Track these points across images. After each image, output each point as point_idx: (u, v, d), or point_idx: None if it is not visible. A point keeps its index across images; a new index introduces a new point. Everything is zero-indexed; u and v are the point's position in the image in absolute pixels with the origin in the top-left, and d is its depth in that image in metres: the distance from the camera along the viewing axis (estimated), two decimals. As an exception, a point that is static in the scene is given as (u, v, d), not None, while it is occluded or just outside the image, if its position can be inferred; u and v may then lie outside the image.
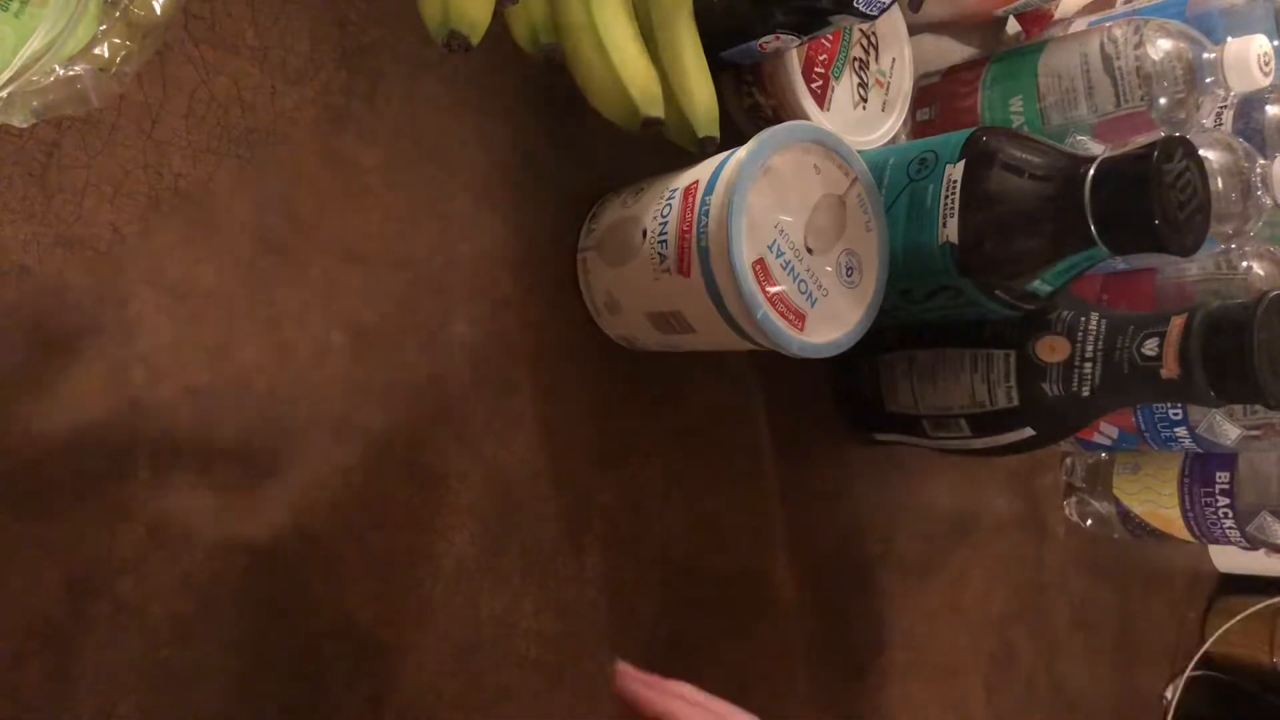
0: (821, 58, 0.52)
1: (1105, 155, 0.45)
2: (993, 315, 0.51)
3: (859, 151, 0.46)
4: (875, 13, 0.44)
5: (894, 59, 0.57)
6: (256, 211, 0.39)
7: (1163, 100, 0.56)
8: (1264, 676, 0.89)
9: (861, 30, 0.55)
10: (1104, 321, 0.50)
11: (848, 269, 0.45)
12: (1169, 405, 0.67)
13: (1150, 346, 0.48)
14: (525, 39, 0.43)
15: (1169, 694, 0.87)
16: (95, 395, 0.35)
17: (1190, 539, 0.74)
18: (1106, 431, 0.71)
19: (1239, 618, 0.89)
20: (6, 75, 0.28)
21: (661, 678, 0.41)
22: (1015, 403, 0.52)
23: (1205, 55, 0.56)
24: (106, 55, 0.32)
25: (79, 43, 0.30)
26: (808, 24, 0.45)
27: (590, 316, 0.49)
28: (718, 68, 0.46)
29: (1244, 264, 0.64)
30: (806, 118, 0.51)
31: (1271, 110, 0.65)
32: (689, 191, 0.42)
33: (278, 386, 0.39)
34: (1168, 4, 0.65)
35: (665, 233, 0.43)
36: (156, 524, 0.36)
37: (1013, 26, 0.72)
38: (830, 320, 0.44)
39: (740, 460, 0.55)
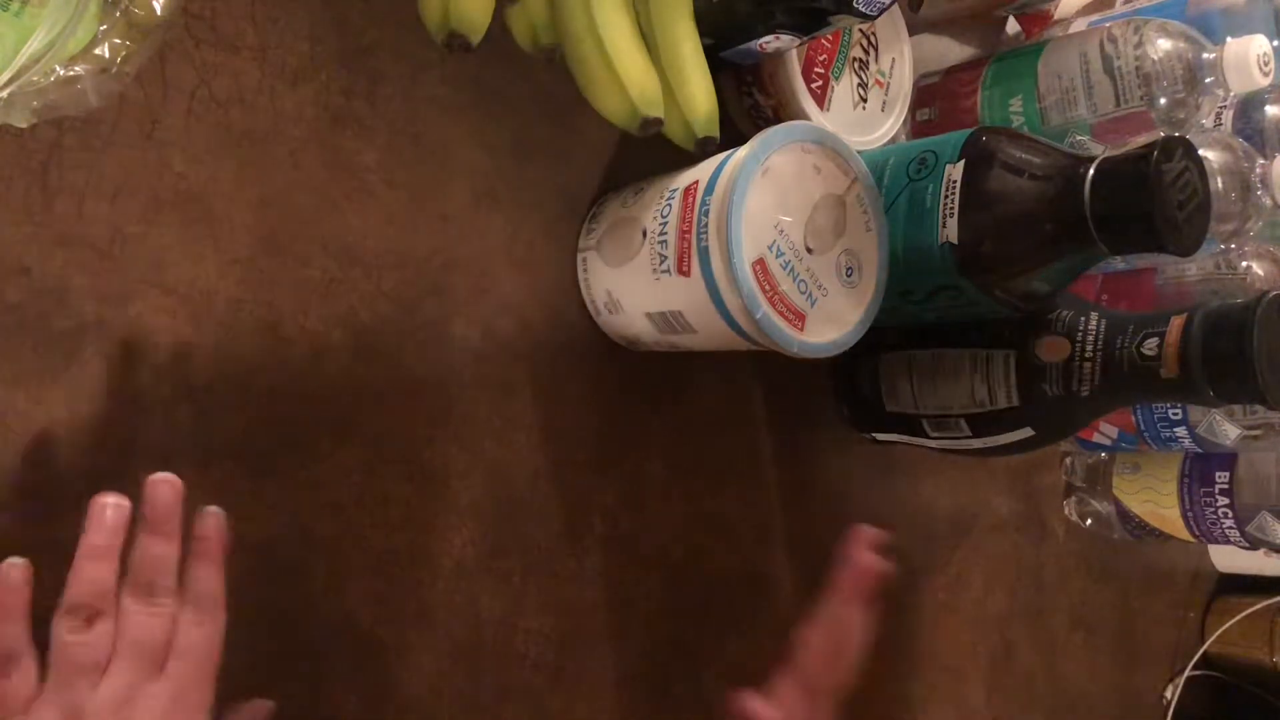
0: (821, 58, 0.52)
1: (1105, 155, 0.45)
2: (993, 315, 0.51)
3: (859, 151, 0.46)
4: (875, 13, 0.44)
5: (894, 59, 0.57)
6: (256, 211, 0.39)
7: (1163, 100, 0.56)
8: (1264, 676, 0.88)
9: (861, 30, 0.55)
10: (1104, 321, 0.50)
11: (848, 269, 0.45)
12: (1169, 405, 0.67)
13: (1150, 346, 0.48)
14: (525, 39, 0.43)
15: (1169, 694, 0.87)
16: (95, 395, 0.35)
17: (1190, 539, 0.74)
18: (1106, 431, 0.71)
19: (1239, 618, 0.88)
20: (7, 75, 0.28)
21: None
22: (1015, 403, 0.52)
23: (1205, 55, 0.56)
24: (106, 55, 0.32)
25: (79, 43, 0.30)
26: (808, 24, 0.45)
27: (590, 316, 0.49)
28: (718, 68, 0.46)
29: (1244, 264, 0.64)
30: (806, 118, 0.51)
31: (1271, 110, 0.65)
32: (689, 191, 0.42)
33: (278, 386, 0.39)
34: (1168, 4, 0.65)
35: (665, 233, 0.43)
36: (156, 524, 0.36)
37: (1013, 26, 0.72)
38: (830, 320, 0.44)
39: (740, 460, 0.55)
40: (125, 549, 0.33)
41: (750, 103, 0.53)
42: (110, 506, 0.33)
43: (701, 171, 0.43)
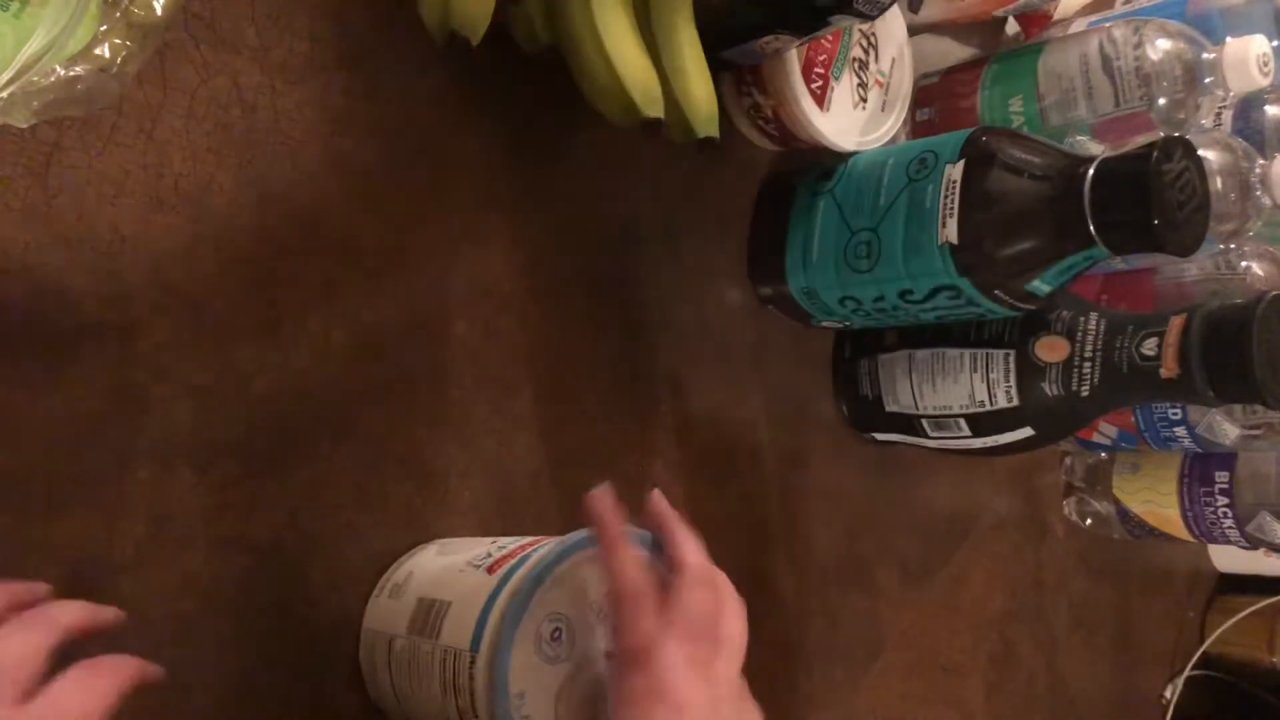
0: (821, 58, 0.52)
1: (1105, 155, 0.45)
2: (992, 315, 0.51)
3: (859, 151, 0.46)
4: (875, 13, 0.44)
5: (894, 59, 0.57)
6: (256, 211, 0.39)
7: (1162, 100, 0.56)
8: (1264, 676, 0.89)
9: (861, 30, 0.55)
10: (1103, 321, 0.50)
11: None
12: (1169, 405, 0.67)
13: (1150, 346, 0.48)
14: (525, 39, 0.44)
15: (1169, 694, 0.87)
16: (95, 395, 0.35)
17: (1190, 539, 0.74)
18: (1106, 431, 0.71)
19: (1239, 617, 0.89)
20: (7, 75, 0.28)
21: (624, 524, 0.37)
22: (1015, 403, 0.52)
23: (1204, 55, 0.56)
24: (106, 55, 0.32)
25: (79, 43, 0.30)
26: (808, 24, 0.45)
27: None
28: (718, 68, 0.46)
29: (1244, 264, 0.64)
30: (806, 117, 0.51)
31: (1271, 110, 0.65)
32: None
33: (278, 386, 0.39)
34: (1167, 4, 0.65)
35: None
36: (156, 524, 0.36)
37: (1012, 27, 0.72)
38: None
39: (740, 460, 0.55)
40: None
41: (750, 103, 0.53)
42: None
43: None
